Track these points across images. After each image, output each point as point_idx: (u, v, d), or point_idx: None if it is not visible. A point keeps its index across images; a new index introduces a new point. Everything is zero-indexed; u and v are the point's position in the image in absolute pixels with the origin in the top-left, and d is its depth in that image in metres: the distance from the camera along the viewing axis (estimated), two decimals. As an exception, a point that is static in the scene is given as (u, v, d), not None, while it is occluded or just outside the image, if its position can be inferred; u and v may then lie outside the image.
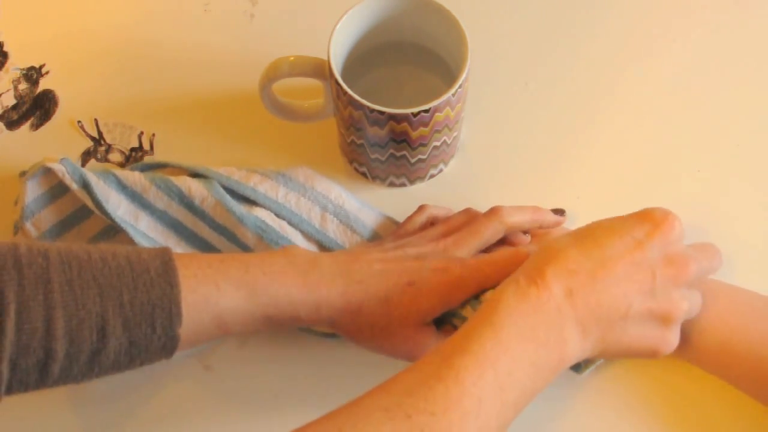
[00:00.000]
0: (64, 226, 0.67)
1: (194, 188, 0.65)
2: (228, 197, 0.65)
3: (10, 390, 0.50)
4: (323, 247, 0.65)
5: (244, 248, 0.65)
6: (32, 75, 0.76)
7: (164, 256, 0.54)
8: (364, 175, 0.71)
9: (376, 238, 0.66)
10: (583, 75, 0.75)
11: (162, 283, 0.52)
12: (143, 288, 0.52)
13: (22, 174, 0.68)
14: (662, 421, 0.62)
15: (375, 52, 0.69)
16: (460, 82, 0.61)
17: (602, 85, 0.75)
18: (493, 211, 0.62)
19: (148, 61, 0.77)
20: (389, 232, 0.66)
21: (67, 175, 0.64)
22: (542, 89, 0.75)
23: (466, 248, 0.61)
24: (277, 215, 0.66)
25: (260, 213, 0.65)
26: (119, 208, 0.65)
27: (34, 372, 0.50)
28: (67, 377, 0.52)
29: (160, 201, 0.66)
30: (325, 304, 0.57)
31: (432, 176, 0.71)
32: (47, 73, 0.76)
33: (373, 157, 0.67)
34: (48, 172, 0.65)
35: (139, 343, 0.52)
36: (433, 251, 0.60)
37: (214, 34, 0.78)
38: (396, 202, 0.70)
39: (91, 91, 0.76)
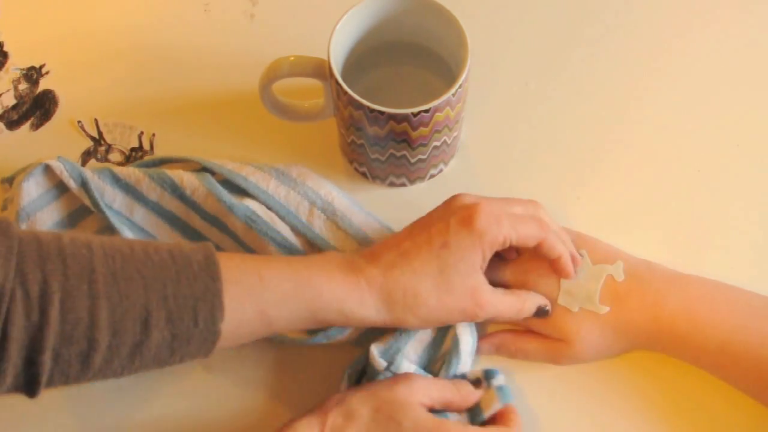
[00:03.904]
0: (60, 227, 0.67)
1: (186, 179, 0.66)
2: (219, 187, 0.65)
3: (51, 381, 0.50)
4: (309, 242, 0.66)
5: (234, 238, 0.66)
6: (32, 75, 0.76)
7: (206, 250, 0.54)
8: (364, 175, 0.71)
9: (362, 237, 0.66)
10: (583, 75, 0.75)
11: (205, 276, 0.52)
12: (186, 281, 0.52)
13: (5, 181, 0.68)
14: (662, 421, 0.62)
15: (375, 52, 0.69)
16: (460, 82, 0.61)
17: (602, 85, 0.75)
18: (532, 202, 0.63)
19: (148, 61, 0.77)
20: (377, 234, 0.66)
21: (65, 172, 0.65)
22: (542, 89, 0.75)
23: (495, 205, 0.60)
24: (267, 207, 0.66)
25: (251, 204, 0.65)
26: (115, 201, 0.66)
27: (76, 363, 0.50)
28: (107, 370, 0.52)
29: (153, 192, 0.66)
30: (368, 296, 0.57)
31: (432, 176, 0.71)
32: (47, 73, 0.76)
33: (373, 157, 0.67)
34: (45, 172, 0.66)
35: (180, 337, 0.52)
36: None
37: (214, 35, 0.78)
38: (396, 202, 0.70)
39: (91, 91, 0.76)
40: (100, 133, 0.74)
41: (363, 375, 0.61)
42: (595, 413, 0.63)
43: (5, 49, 0.77)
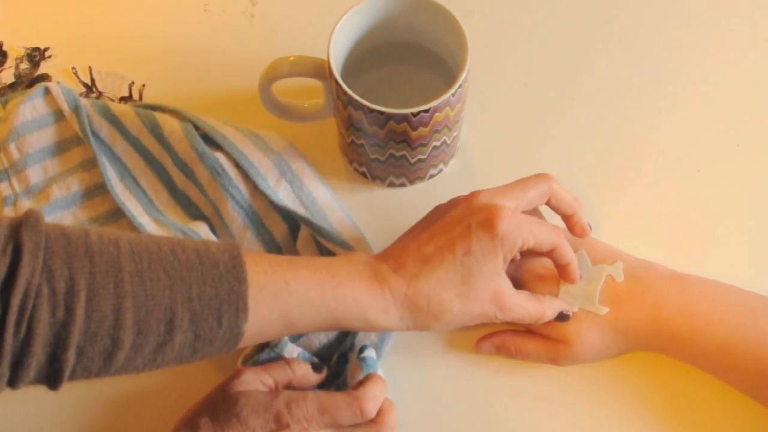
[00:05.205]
0: (46, 153, 0.69)
1: (168, 121, 0.68)
2: (195, 134, 0.67)
3: (73, 376, 0.50)
4: (267, 206, 0.67)
5: (199, 188, 0.67)
6: (35, 56, 0.77)
7: (233, 250, 0.54)
8: (364, 175, 0.71)
9: (321, 216, 0.67)
10: (582, 75, 0.75)
11: (230, 278, 0.52)
12: (212, 283, 0.52)
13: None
14: (661, 422, 0.62)
15: (375, 52, 0.69)
16: (460, 82, 0.61)
17: (602, 85, 0.75)
18: (543, 178, 0.62)
19: (147, 62, 0.77)
20: (340, 222, 0.67)
21: (61, 95, 0.69)
22: (542, 89, 0.75)
23: (512, 201, 0.61)
24: (238, 164, 0.67)
25: (221, 158, 0.67)
26: (101, 130, 0.69)
27: (99, 360, 0.50)
28: (129, 366, 0.52)
29: (134, 127, 0.69)
30: (391, 305, 0.57)
31: (432, 176, 0.71)
32: (50, 57, 0.77)
33: (372, 157, 0.67)
34: (44, 96, 0.69)
35: (204, 337, 0.52)
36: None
37: (214, 35, 0.78)
38: (396, 202, 0.70)
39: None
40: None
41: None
42: (595, 414, 0.63)
43: (5, 48, 0.78)
